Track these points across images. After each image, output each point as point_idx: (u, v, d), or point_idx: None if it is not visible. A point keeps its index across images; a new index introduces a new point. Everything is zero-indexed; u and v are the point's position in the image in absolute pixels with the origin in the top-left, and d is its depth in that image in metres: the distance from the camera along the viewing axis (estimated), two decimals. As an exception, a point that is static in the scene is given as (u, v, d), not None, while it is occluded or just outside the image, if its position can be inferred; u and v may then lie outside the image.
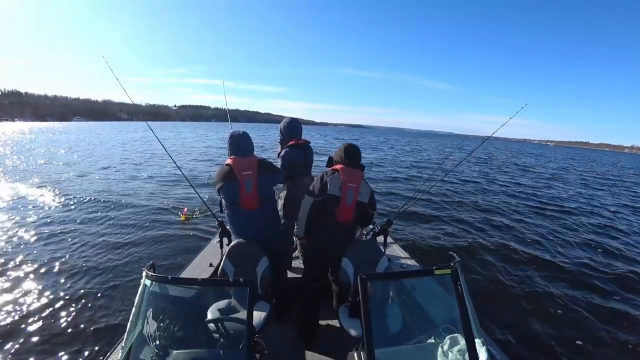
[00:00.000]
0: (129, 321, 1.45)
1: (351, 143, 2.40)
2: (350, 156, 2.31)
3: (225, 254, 2.18)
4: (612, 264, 5.46)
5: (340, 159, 2.33)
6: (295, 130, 2.91)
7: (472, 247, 5.88)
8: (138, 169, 13.35)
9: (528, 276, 4.73)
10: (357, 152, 2.34)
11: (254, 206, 2.28)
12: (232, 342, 1.58)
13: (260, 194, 2.29)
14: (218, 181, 2.27)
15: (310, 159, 2.98)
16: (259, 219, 2.32)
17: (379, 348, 1.36)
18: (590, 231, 7.43)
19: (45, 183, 9.73)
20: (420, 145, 44.07)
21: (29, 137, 32.62)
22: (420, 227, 6.78)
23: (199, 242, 5.19)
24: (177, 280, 1.65)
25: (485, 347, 1.47)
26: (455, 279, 1.46)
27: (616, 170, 28.71)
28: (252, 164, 2.29)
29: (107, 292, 3.82)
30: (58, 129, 54.03)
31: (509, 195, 11.17)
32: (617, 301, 4.21)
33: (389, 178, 13.46)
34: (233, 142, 2.35)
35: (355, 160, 2.32)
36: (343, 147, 2.37)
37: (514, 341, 3.24)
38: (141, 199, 8.21)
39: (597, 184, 16.52)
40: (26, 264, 4.44)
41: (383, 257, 2.27)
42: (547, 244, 6.25)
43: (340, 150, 2.37)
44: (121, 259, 4.71)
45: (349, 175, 2.25)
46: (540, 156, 41.05)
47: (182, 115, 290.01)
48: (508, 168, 21.18)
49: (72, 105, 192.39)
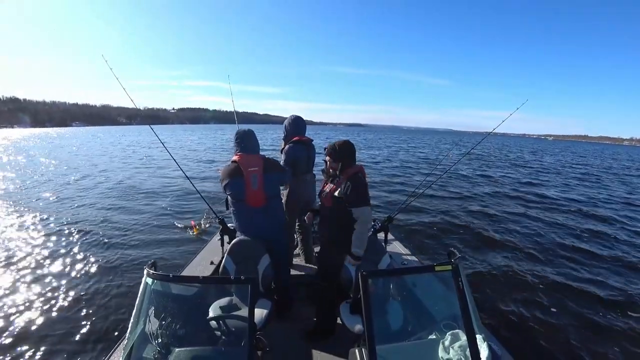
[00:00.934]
0: (131, 319, 1.46)
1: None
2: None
3: (227, 252, 2.18)
4: (617, 257, 5.46)
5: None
6: (299, 127, 2.94)
7: (474, 243, 5.88)
8: (137, 168, 13.36)
9: (530, 272, 4.73)
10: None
11: (259, 203, 2.30)
12: (234, 339, 1.59)
13: (265, 191, 2.30)
14: (224, 178, 2.28)
15: (312, 156, 3.01)
16: (264, 216, 2.33)
17: (380, 344, 1.37)
18: (593, 226, 7.41)
19: (45, 189, 9.75)
20: (417, 143, 44.06)
21: (33, 143, 32.63)
22: (421, 224, 6.78)
23: (200, 240, 5.20)
24: (179, 278, 1.65)
25: (487, 343, 1.47)
26: (456, 275, 1.46)
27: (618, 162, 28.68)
28: (258, 161, 2.31)
29: (108, 291, 3.83)
30: (63, 134, 53.97)
31: (510, 191, 11.15)
32: (620, 295, 4.21)
33: (389, 175, 13.47)
34: (239, 139, 2.38)
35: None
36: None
37: (515, 337, 3.24)
38: (142, 198, 8.23)
39: (594, 179, 16.48)
40: (28, 263, 4.46)
41: (384, 254, 2.28)
42: (548, 239, 6.25)
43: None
44: (122, 257, 4.72)
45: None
46: (541, 151, 41.02)
47: (181, 118, 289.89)
48: (506, 163, 21.18)
49: (71, 110, 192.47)
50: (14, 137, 44.84)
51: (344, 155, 2.19)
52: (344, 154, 2.19)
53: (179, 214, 6.98)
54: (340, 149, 2.19)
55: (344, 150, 2.20)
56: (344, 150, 2.20)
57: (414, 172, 14.98)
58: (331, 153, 2.21)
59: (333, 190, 2.16)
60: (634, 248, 6.06)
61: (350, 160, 2.21)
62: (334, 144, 2.22)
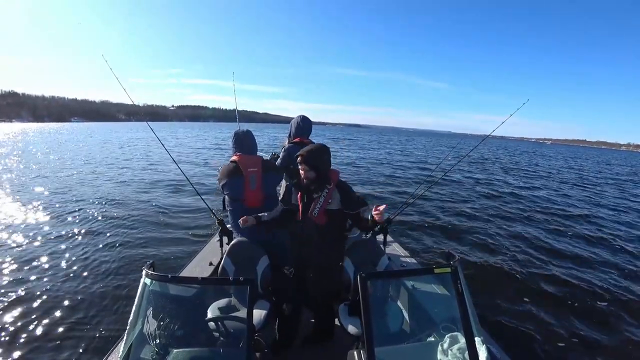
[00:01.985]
0: (129, 320, 1.45)
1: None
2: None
3: (226, 253, 2.18)
4: (617, 262, 5.48)
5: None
6: (302, 129, 2.98)
7: (473, 245, 5.89)
8: (136, 169, 13.31)
9: (529, 274, 4.74)
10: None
11: (257, 203, 2.29)
12: (232, 340, 1.58)
13: (264, 191, 2.30)
14: (222, 177, 2.28)
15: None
16: None
17: (378, 346, 1.36)
18: (593, 230, 7.45)
19: (41, 186, 9.70)
20: (416, 145, 44.17)
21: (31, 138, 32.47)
22: (421, 226, 6.79)
23: (199, 241, 5.18)
24: (177, 279, 1.64)
25: (485, 346, 1.47)
26: (455, 277, 1.46)
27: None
28: (257, 161, 2.32)
29: (106, 291, 3.81)
30: (60, 129, 53.69)
31: (509, 194, 11.18)
32: (620, 297, 4.23)
33: (389, 176, 13.48)
34: (238, 140, 2.39)
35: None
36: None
37: (514, 340, 3.25)
38: (141, 199, 8.19)
39: (591, 183, 16.57)
40: (25, 263, 4.43)
41: (383, 255, 2.28)
42: (547, 242, 6.27)
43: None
44: (121, 258, 4.70)
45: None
46: (539, 155, 41.20)
47: (180, 116, 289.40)
48: (507, 166, 21.25)
49: (70, 106, 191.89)
50: (9, 130, 44.57)
51: (324, 161, 1.93)
52: (323, 160, 1.92)
53: (178, 214, 6.96)
54: (317, 155, 1.91)
55: (322, 155, 1.93)
56: (323, 155, 1.93)
57: (413, 174, 15.00)
58: (307, 161, 1.89)
59: (325, 204, 1.90)
60: (634, 250, 6.09)
61: (329, 165, 1.98)
62: (308, 149, 1.92)
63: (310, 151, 1.91)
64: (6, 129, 54.27)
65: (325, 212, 1.91)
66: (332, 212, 1.92)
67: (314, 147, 1.96)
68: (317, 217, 1.91)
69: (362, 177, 13.16)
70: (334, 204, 1.93)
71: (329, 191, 1.92)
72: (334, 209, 1.92)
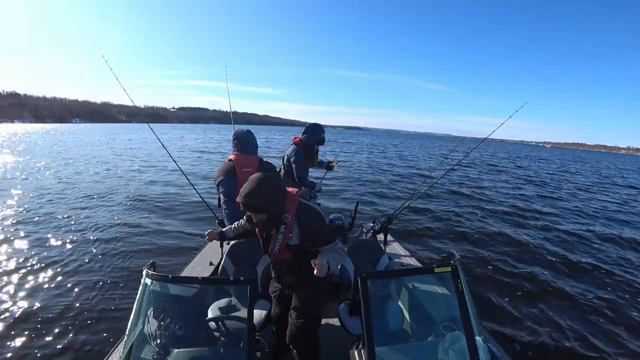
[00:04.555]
0: (129, 320, 1.45)
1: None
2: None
3: (226, 253, 2.18)
4: (619, 262, 5.47)
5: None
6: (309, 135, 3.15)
7: (473, 244, 5.88)
8: (135, 169, 13.32)
9: (529, 274, 4.73)
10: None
11: None
12: (233, 340, 1.58)
13: None
14: (218, 175, 2.31)
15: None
16: None
17: (379, 346, 1.37)
18: (592, 230, 7.43)
19: (42, 186, 9.70)
20: (415, 147, 44.20)
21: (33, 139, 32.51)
22: (421, 225, 6.78)
23: (199, 241, 5.18)
24: (178, 279, 1.65)
25: (486, 345, 1.47)
26: (455, 276, 1.46)
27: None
28: (254, 162, 2.32)
29: (107, 292, 3.80)
30: (61, 130, 53.77)
31: (508, 195, 11.17)
32: (620, 298, 4.21)
33: (389, 177, 13.49)
34: (236, 139, 2.41)
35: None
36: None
37: (515, 339, 3.24)
38: (141, 199, 8.19)
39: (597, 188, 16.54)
40: (25, 263, 4.42)
41: (383, 255, 2.28)
42: (547, 242, 6.26)
43: None
44: (121, 258, 4.69)
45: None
46: (539, 158, 41.16)
47: (181, 117, 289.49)
48: (505, 167, 21.23)
49: (71, 107, 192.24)
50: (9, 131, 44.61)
51: (272, 200, 1.54)
52: (270, 199, 1.53)
53: (177, 214, 6.96)
54: (260, 195, 1.51)
55: (266, 194, 1.52)
56: (267, 193, 1.52)
57: (413, 174, 15.00)
58: (250, 206, 1.52)
59: (285, 240, 1.63)
60: (636, 252, 6.09)
61: (282, 197, 1.59)
62: (248, 192, 1.50)
63: (249, 194, 1.50)
64: (9, 130, 54.24)
65: (287, 247, 1.66)
66: (294, 247, 1.66)
67: (253, 185, 1.52)
68: (280, 254, 1.69)
69: (362, 177, 13.19)
70: (294, 239, 1.64)
71: (287, 227, 1.60)
72: (296, 244, 1.65)
